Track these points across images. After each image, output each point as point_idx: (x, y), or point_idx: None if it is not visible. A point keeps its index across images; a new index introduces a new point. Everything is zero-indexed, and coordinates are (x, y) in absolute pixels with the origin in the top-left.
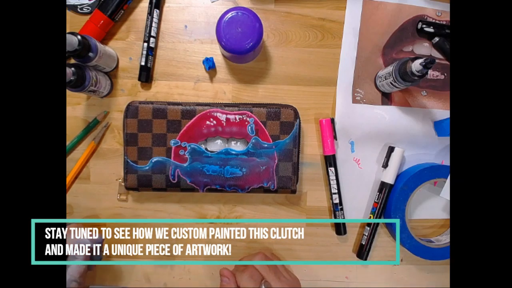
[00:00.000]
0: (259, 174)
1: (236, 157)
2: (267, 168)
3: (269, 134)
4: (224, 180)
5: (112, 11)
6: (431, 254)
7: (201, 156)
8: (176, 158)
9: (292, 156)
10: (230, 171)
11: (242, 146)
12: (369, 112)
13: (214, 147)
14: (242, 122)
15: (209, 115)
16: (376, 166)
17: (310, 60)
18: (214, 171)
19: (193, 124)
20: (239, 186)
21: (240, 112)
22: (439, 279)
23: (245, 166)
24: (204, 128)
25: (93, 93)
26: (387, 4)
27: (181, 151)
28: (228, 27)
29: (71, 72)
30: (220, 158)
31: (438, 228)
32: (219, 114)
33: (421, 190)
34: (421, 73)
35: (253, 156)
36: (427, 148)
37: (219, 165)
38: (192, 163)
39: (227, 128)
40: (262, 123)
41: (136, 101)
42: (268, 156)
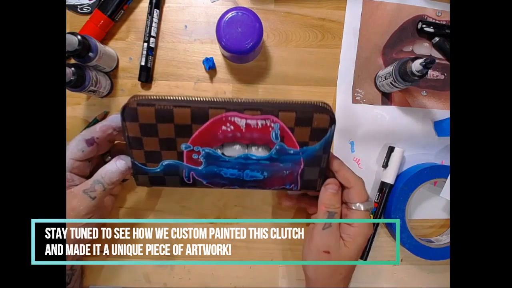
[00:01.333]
0: (282, 177)
1: (257, 162)
2: (291, 173)
3: (297, 140)
4: (243, 182)
5: (112, 11)
6: (431, 254)
7: (218, 160)
8: (190, 162)
9: (320, 161)
10: (250, 174)
11: (264, 151)
12: (369, 112)
13: (232, 152)
14: (265, 128)
15: (226, 120)
16: (376, 166)
17: (310, 60)
18: (232, 174)
19: (206, 129)
20: (260, 187)
21: (263, 116)
22: (439, 279)
23: (266, 170)
24: (219, 133)
25: (93, 93)
26: (387, 4)
27: (194, 155)
28: (228, 27)
29: (71, 72)
30: (239, 162)
31: (438, 228)
32: (237, 119)
33: (421, 190)
34: (421, 73)
35: (276, 161)
36: (427, 148)
37: (237, 168)
38: (207, 166)
39: (247, 134)
40: (289, 129)
41: (133, 100)
42: (293, 162)
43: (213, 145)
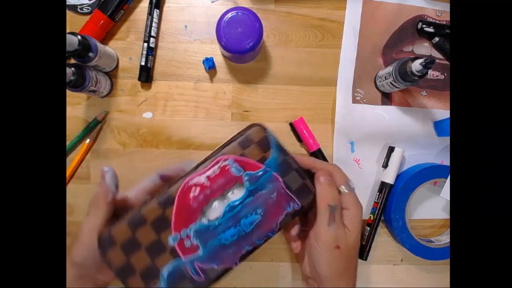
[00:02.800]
0: (275, 203)
1: (242, 204)
2: (279, 191)
3: (255, 160)
4: (249, 236)
5: (112, 11)
6: (431, 254)
7: (209, 230)
8: (186, 252)
9: (290, 164)
10: (248, 221)
11: (240, 191)
12: (369, 112)
13: (215, 213)
14: (223, 170)
15: (189, 187)
16: (376, 166)
17: (310, 60)
18: (233, 235)
19: (179, 208)
20: (267, 229)
21: (214, 162)
22: (439, 279)
23: (257, 206)
24: (192, 202)
25: (93, 93)
26: (387, 4)
27: (187, 241)
28: (228, 27)
29: (71, 72)
30: (229, 218)
31: (438, 228)
32: (197, 179)
33: (421, 190)
34: (421, 73)
35: (257, 191)
36: (427, 148)
37: (232, 225)
38: (205, 245)
39: (214, 186)
40: (241, 156)
41: (104, 232)
42: (270, 182)
43: (195, 219)
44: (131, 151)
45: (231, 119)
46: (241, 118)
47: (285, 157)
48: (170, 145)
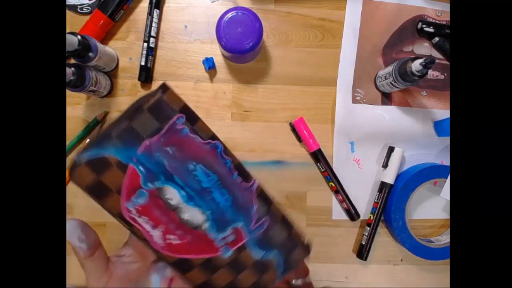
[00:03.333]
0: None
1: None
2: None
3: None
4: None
5: (112, 11)
6: (431, 254)
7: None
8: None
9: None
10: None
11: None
12: (369, 112)
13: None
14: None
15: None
16: (376, 166)
17: (310, 60)
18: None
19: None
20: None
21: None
22: (439, 279)
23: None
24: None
25: (93, 93)
26: (387, 4)
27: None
28: (228, 27)
29: (71, 72)
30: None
31: (438, 228)
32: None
33: (421, 190)
34: (421, 73)
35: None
36: (427, 148)
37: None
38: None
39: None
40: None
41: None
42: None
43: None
44: None
45: (231, 119)
46: (241, 118)
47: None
48: None
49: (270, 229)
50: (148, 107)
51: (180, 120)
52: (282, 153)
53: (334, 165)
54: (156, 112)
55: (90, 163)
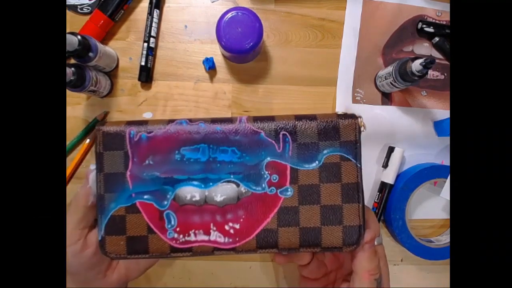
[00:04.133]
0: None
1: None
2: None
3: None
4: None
5: (112, 11)
6: (431, 254)
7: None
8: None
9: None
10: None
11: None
12: (369, 112)
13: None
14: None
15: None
16: (376, 166)
17: (310, 60)
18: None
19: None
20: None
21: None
22: (439, 279)
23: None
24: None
25: (93, 93)
26: (387, 4)
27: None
28: (228, 27)
29: (71, 72)
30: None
31: (438, 228)
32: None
33: (421, 190)
34: (421, 73)
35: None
36: (427, 148)
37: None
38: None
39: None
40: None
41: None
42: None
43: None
44: None
45: None
46: None
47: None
48: None
49: (298, 135)
50: (103, 148)
51: (132, 133)
52: None
53: None
54: (110, 146)
55: (108, 229)
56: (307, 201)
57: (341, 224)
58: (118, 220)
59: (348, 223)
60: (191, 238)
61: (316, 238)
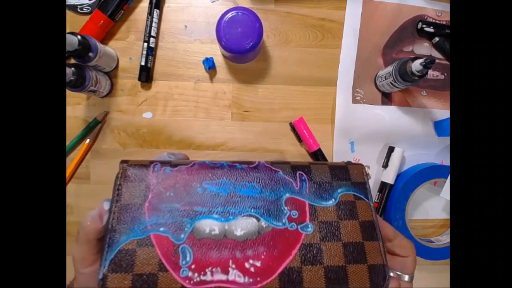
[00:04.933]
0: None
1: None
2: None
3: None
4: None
5: (112, 11)
6: (431, 254)
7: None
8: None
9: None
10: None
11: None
12: (369, 112)
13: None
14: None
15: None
16: (376, 166)
17: (310, 60)
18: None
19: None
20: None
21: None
22: (439, 279)
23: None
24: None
25: (93, 93)
26: (387, 4)
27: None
28: (228, 27)
29: (71, 72)
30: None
31: (438, 228)
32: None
33: (421, 190)
34: (421, 73)
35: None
36: (427, 148)
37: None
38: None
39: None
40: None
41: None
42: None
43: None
44: (131, 151)
45: (231, 119)
46: (241, 118)
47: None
48: (170, 145)
49: (313, 174)
50: (124, 180)
51: (156, 167)
52: (282, 153)
53: None
54: (132, 178)
55: (113, 266)
56: (328, 238)
57: (366, 263)
58: (127, 255)
59: (372, 262)
60: (207, 277)
61: (342, 279)
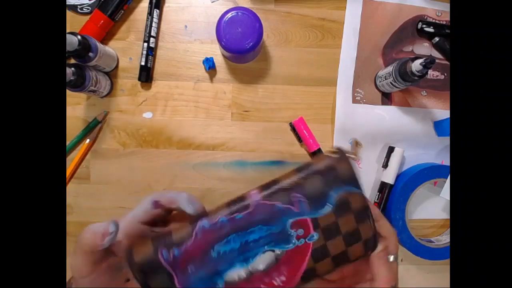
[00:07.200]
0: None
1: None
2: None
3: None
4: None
5: (112, 11)
6: (431, 254)
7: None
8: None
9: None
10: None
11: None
12: (369, 112)
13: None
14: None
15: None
16: (376, 166)
17: (310, 60)
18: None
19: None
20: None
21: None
22: (439, 279)
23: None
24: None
25: (93, 93)
26: (387, 4)
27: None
28: (228, 27)
29: (71, 72)
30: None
31: (438, 228)
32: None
33: (421, 190)
34: (421, 73)
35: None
36: (427, 148)
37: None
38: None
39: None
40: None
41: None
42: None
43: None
44: (131, 151)
45: (231, 119)
46: (241, 118)
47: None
48: (170, 145)
49: (307, 190)
50: (143, 276)
51: (164, 254)
52: (282, 153)
53: None
54: (149, 271)
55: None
56: (331, 236)
57: (361, 241)
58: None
59: (365, 237)
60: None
61: (345, 258)
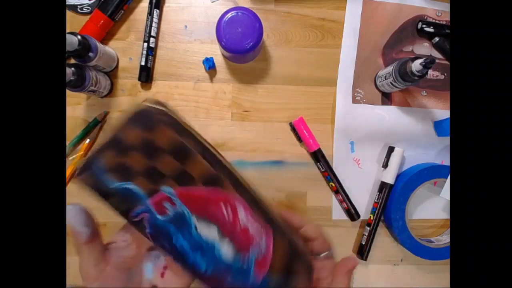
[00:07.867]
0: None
1: (213, 252)
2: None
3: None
4: (184, 262)
5: (112, 11)
6: (431, 254)
7: (183, 226)
8: (156, 206)
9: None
10: (196, 261)
11: (230, 253)
12: (369, 112)
13: (205, 231)
14: (253, 237)
15: (229, 202)
16: (376, 166)
17: (310, 60)
18: (181, 247)
19: (203, 195)
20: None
21: (263, 224)
22: (439, 279)
23: (212, 266)
24: (212, 208)
25: (93, 93)
26: (387, 4)
27: (167, 203)
28: (228, 27)
29: (71, 72)
30: (198, 243)
31: (438, 228)
32: (241, 209)
33: (421, 190)
34: (421, 73)
35: (229, 272)
36: (427, 148)
37: (191, 246)
38: (168, 222)
39: (235, 228)
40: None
41: (160, 114)
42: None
43: (194, 212)
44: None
45: (231, 119)
46: (241, 118)
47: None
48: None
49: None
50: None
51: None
52: (282, 153)
53: (334, 165)
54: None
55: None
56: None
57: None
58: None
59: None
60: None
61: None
